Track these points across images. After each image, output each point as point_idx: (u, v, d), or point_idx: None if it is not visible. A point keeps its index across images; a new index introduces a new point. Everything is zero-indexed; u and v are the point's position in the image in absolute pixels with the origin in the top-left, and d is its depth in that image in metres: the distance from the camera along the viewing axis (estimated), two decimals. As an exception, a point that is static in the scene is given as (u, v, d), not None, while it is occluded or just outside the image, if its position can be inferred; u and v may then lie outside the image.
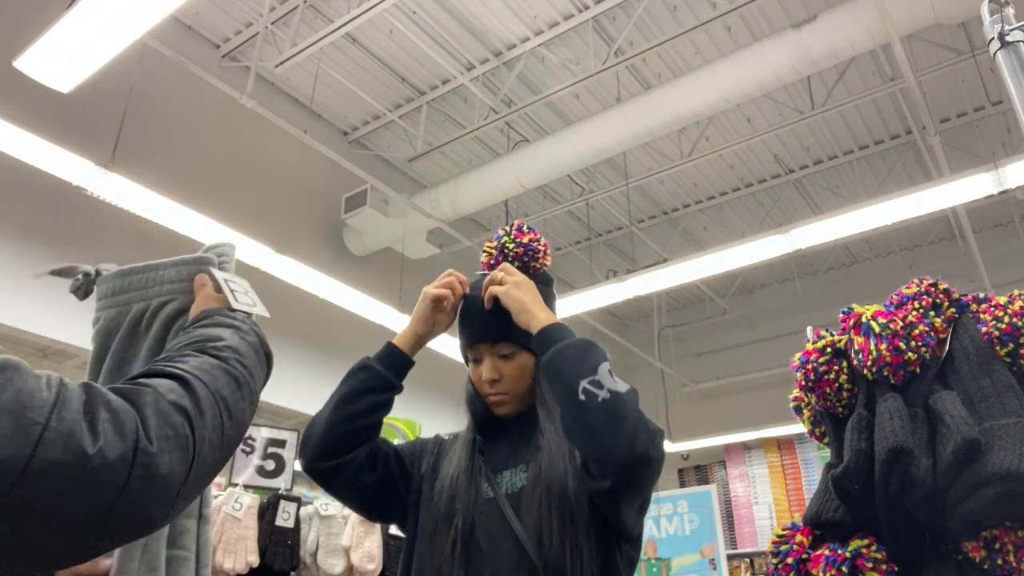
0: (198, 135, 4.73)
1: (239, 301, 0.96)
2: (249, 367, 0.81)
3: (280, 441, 3.21)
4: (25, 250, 3.74)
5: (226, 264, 1.04)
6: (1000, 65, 1.02)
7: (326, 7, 4.61)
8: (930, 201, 4.13)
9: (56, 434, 0.56)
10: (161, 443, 0.62)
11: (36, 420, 0.56)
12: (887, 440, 0.94)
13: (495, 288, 1.21)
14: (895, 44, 3.86)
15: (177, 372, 0.71)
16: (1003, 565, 0.91)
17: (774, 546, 1.11)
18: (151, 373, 0.71)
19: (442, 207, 5.28)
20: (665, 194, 6.59)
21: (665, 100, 4.44)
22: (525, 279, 1.23)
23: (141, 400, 0.64)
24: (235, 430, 0.74)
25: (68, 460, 0.56)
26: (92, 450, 0.57)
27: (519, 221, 1.34)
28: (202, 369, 0.73)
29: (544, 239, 1.33)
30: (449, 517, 1.16)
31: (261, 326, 0.99)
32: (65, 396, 0.59)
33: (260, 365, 0.86)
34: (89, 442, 0.57)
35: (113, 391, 0.64)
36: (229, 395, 0.74)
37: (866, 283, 7.21)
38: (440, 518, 1.17)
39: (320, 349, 5.11)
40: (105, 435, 0.58)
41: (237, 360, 0.79)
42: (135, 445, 0.60)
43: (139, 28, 2.90)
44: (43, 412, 0.56)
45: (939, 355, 1.04)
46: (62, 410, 0.58)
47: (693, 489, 6.53)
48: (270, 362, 0.90)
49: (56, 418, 0.57)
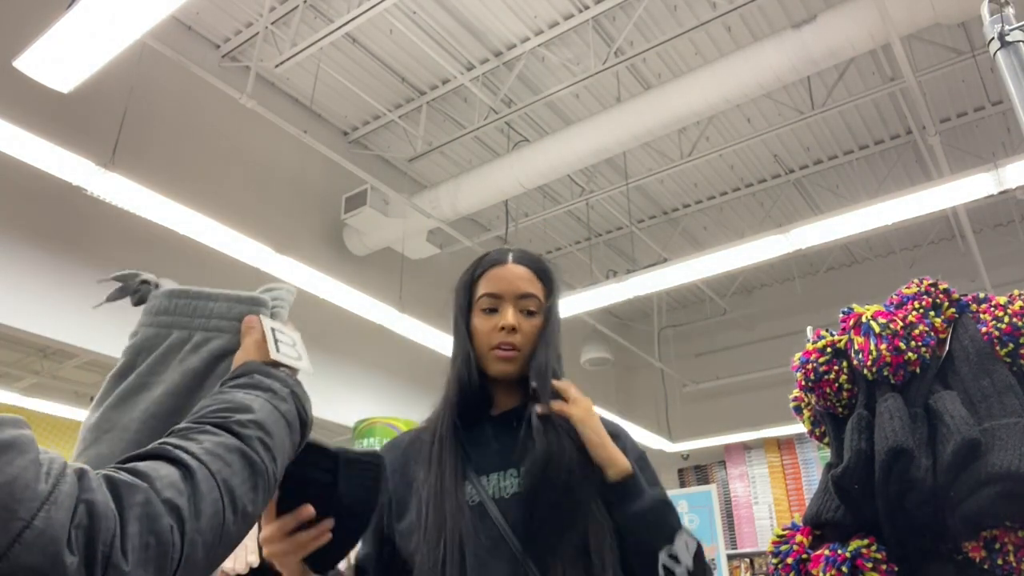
0: (198, 135, 4.73)
1: (282, 353, 0.88)
2: (274, 447, 0.74)
3: (280, 441, 3.20)
4: (25, 250, 3.74)
5: (279, 309, 0.97)
6: (1000, 65, 1.02)
7: (326, 7, 4.61)
8: (930, 201, 4.13)
9: (38, 535, 0.52)
10: (137, 555, 0.57)
11: (20, 516, 0.51)
12: (887, 440, 0.94)
13: (571, 411, 1.11)
14: (895, 44, 3.86)
15: (184, 459, 0.65)
16: (1003, 565, 0.91)
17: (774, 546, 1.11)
18: (157, 454, 0.65)
19: (442, 207, 5.28)
20: (665, 194, 6.59)
21: (665, 100, 4.44)
22: (590, 402, 1.15)
23: (131, 500, 0.59)
24: (239, 525, 0.67)
25: (43, 568, 0.51)
26: (70, 559, 0.53)
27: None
28: (215, 454, 0.67)
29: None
30: (436, 527, 1.05)
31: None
32: (59, 493, 0.55)
33: (290, 438, 0.79)
34: (67, 552, 0.53)
35: (107, 481, 0.59)
36: (239, 485, 0.68)
37: (866, 283, 7.21)
38: (425, 529, 1.06)
39: (320, 349, 5.11)
40: (79, 546, 0.54)
41: (260, 440, 0.73)
42: (106, 561, 0.55)
43: (139, 28, 2.90)
44: (31, 508, 0.52)
45: (939, 355, 1.04)
46: (51, 508, 0.53)
47: (693, 489, 6.53)
48: (307, 428, 0.84)
49: (43, 517, 0.52)
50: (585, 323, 6.60)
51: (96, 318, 3.95)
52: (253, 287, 1.00)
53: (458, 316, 1.21)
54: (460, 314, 1.21)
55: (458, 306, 1.22)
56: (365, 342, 5.22)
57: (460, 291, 1.23)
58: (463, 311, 1.21)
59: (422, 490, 1.10)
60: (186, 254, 4.17)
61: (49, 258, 3.82)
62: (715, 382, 7.76)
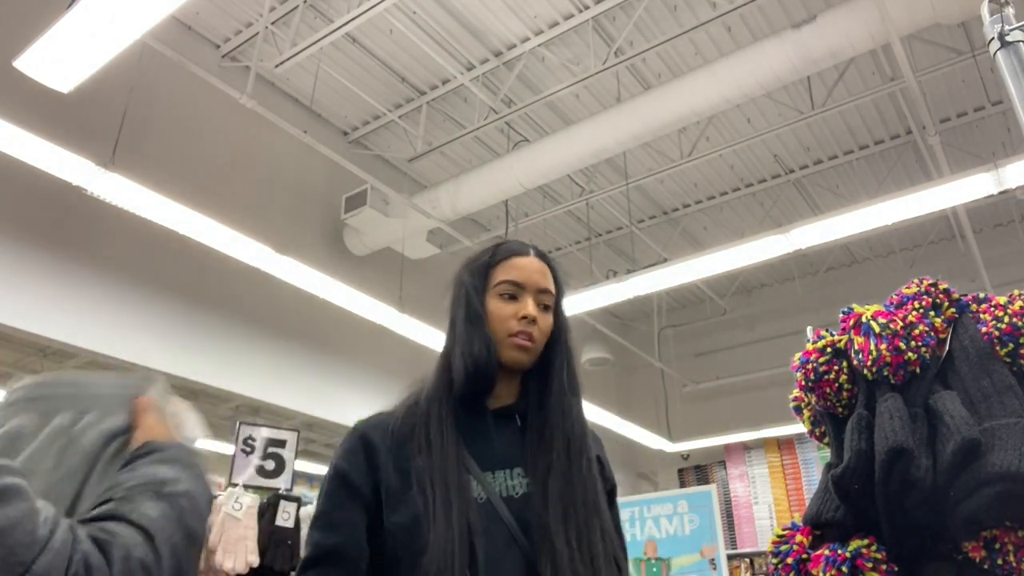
0: (198, 135, 4.73)
1: (180, 429, 0.92)
2: (203, 516, 0.80)
3: (280, 441, 3.20)
4: (25, 250, 3.74)
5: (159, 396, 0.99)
6: (1000, 65, 1.02)
7: (326, 7, 4.61)
8: (930, 201, 4.13)
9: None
10: None
11: (22, 560, 0.55)
12: (887, 440, 0.94)
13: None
14: (895, 44, 3.86)
15: (141, 524, 0.69)
16: (1003, 565, 0.91)
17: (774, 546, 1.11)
18: (112, 516, 0.69)
19: (442, 207, 5.28)
20: (665, 194, 6.59)
21: (665, 100, 4.44)
22: None
23: (114, 555, 0.64)
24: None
25: None
26: None
27: None
28: (164, 522, 0.72)
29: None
30: (446, 524, 0.98)
31: (264, 327, 0.97)
32: (55, 540, 0.59)
33: (208, 510, 0.84)
34: None
35: (91, 538, 0.64)
36: (183, 551, 0.73)
37: (866, 283, 7.21)
38: (433, 524, 0.99)
39: (320, 349, 5.11)
40: None
41: (193, 511, 0.78)
42: None
43: (139, 28, 2.90)
44: (32, 552, 0.56)
45: (939, 355, 1.04)
46: (49, 555, 0.57)
47: (693, 489, 6.52)
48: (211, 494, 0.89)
49: (42, 563, 0.56)
50: (585, 323, 6.60)
51: (96, 318, 3.95)
52: (253, 287, 1.00)
53: (471, 296, 1.16)
54: (473, 294, 1.16)
55: (471, 287, 1.17)
56: (365, 342, 5.22)
57: (475, 273, 1.18)
58: (477, 292, 1.16)
59: (424, 482, 1.03)
60: (186, 254, 4.17)
61: (49, 258, 3.82)
62: (715, 382, 7.76)
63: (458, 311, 1.17)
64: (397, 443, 1.09)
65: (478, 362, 1.10)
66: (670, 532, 5.40)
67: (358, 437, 1.12)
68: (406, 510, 1.03)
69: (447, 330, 1.19)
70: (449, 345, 1.17)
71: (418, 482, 1.03)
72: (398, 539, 1.02)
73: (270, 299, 4.65)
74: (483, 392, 1.13)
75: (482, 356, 1.10)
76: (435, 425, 1.09)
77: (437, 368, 1.17)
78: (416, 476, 1.04)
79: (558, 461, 1.07)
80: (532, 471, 1.07)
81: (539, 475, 1.06)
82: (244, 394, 4.68)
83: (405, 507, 1.03)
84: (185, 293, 4.38)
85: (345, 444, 1.13)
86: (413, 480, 1.04)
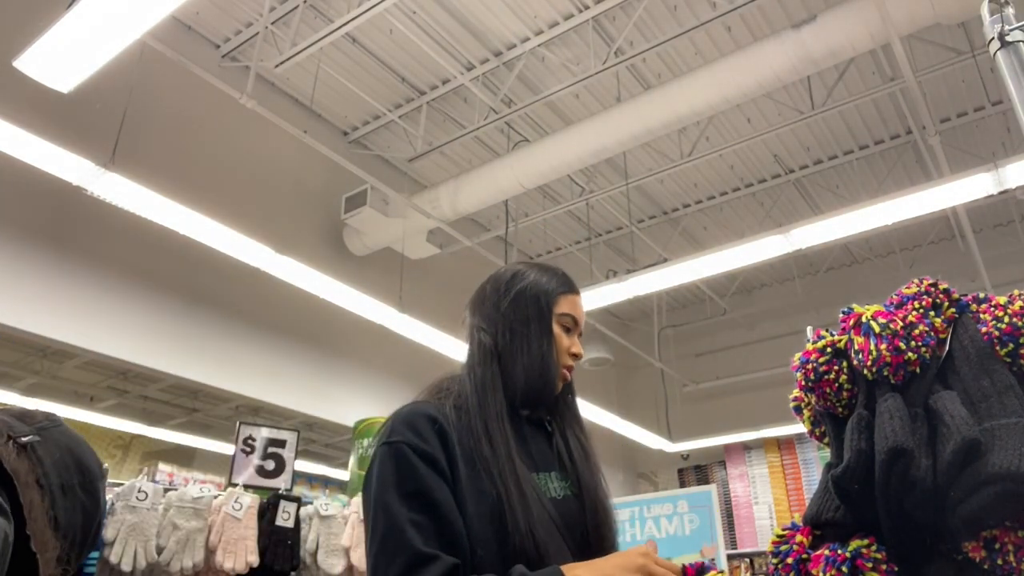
0: (198, 135, 4.73)
1: None
2: None
3: (280, 441, 3.20)
4: (25, 250, 3.74)
5: None
6: (1000, 65, 1.02)
7: (326, 7, 4.61)
8: (930, 201, 4.13)
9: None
10: None
11: None
12: (887, 440, 0.94)
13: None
14: (895, 44, 3.86)
15: None
16: (1003, 565, 0.91)
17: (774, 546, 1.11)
18: None
19: (442, 207, 5.28)
20: (665, 194, 6.59)
21: (665, 100, 4.44)
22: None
23: None
24: None
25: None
26: None
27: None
28: None
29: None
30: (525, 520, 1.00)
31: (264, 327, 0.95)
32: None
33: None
34: None
35: None
36: None
37: (866, 283, 7.21)
38: (513, 519, 1.00)
39: (320, 349, 5.11)
40: None
41: None
42: None
43: (139, 28, 2.90)
44: None
45: (939, 355, 1.04)
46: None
47: (693, 489, 6.52)
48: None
49: None
50: (585, 323, 6.59)
51: (96, 318, 3.95)
52: (253, 287, 1.00)
53: (544, 315, 1.20)
54: (540, 317, 1.20)
55: (538, 308, 1.21)
56: (365, 342, 5.22)
57: (540, 296, 1.22)
58: (543, 316, 1.20)
59: (503, 473, 1.03)
60: (186, 254, 4.17)
61: (49, 258, 3.82)
62: (715, 382, 7.76)
63: (534, 326, 1.19)
64: (456, 431, 1.07)
65: (546, 384, 1.17)
66: (670, 532, 5.40)
67: (426, 418, 1.06)
68: (484, 499, 1.01)
69: (502, 327, 1.19)
70: (507, 347, 1.18)
71: (489, 473, 1.03)
72: (476, 529, 1.00)
73: (270, 299, 4.65)
74: (531, 406, 1.19)
75: (550, 381, 1.17)
76: (495, 421, 1.09)
77: (486, 361, 1.16)
78: (485, 467, 1.03)
79: (588, 472, 1.17)
80: (571, 478, 1.15)
81: (577, 483, 1.15)
82: (244, 394, 4.68)
83: (483, 496, 1.02)
84: (185, 293, 4.38)
85: (411, 422, 1.05)
86: (482, 471, 1.03)
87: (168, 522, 2.64)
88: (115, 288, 4.04)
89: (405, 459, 1.00)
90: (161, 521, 2.63)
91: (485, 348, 1.17)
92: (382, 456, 1.02)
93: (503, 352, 1.17)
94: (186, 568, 2.61)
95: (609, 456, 7.90)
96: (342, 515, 3.12)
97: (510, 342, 1.18)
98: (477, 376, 1.14)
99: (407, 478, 0.99)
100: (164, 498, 2.69)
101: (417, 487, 0.98)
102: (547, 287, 1.24)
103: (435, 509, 0.97)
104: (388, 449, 1.02)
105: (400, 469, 1.00)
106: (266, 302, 4.68)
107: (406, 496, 0.97)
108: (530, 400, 1.17)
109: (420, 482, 0.99)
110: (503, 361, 1.16)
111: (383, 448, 1.02)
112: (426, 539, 0.94)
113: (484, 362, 1.16)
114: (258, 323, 4.71)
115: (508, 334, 1.18)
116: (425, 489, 0.98)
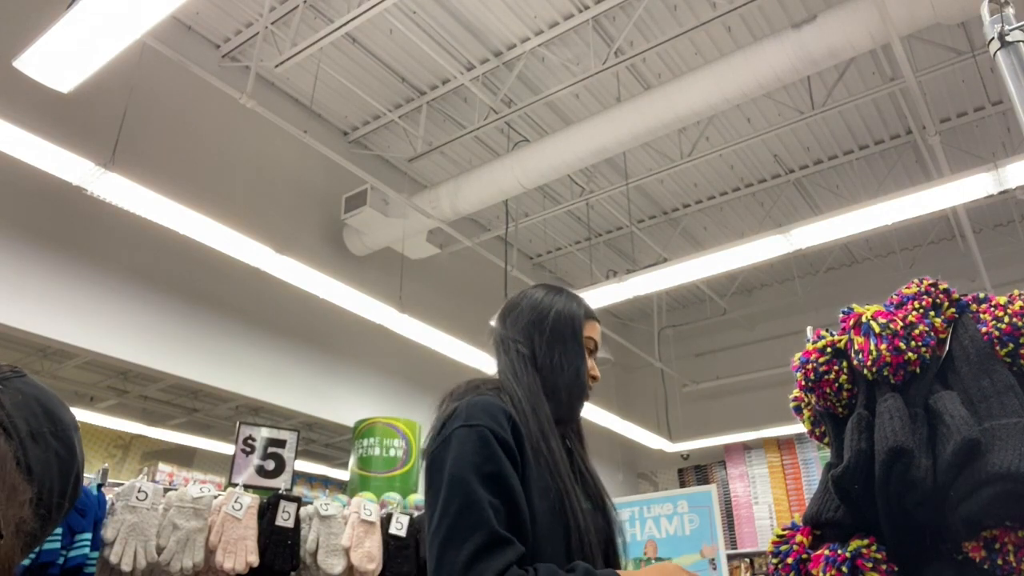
0: (198, 135, 4.73)
1: None
2: None
3: (280, 441, 3.21)
4: (25, 250, 3.74)
5: None
6: (1000, 65, 1.02)
7: (326, 7, 4.61)
8: (930, 201, 4.13)
9: None
10: None
11: None
12: (887, 440, 0.94)
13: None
14: (895, 44, 3.86)
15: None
16: (1003, 565, 0.91)
17: (774, 546, 1.11)
18: None
19: (442, 207, 5.28)
20: (665, 194, 6.59)
21: (665, 100, 4.44)
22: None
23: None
24: None
25: None
26: None
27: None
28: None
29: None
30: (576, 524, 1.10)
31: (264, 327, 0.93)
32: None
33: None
34: None
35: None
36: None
37: (866, 283, 7.21)
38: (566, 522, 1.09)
39: (320, 349, 5.11)
40: None
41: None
42: None
43: (139, 28, 2.90)
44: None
45: (939, 355, 1.04)
46: None
47: (693, 489, 6.51)
48: None
49: None
50: (585, 323, 6.59)
51: (96, 318, 3.95)
52: (253, 287, 1.00)
53: (578, 337, 1.28)
54: (575, 338, 1.27)
55: (573, 330, 1.28)
56: (365, 342, 5.22)
57: (573, 319, 1.29)
58: (577, 338, 1.28)
59: (558, 475, 1.10)
60: (186, 254, 4.17)
61: (49, 258, 3.82)
62: (715, 382, 7.76)
63: (571, 346, 1.26)
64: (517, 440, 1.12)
65: (580, 401, 1.26)
66: (670, 532, 5.40)
67: (502, 410, 1.10)
68: (547, 495, 1.08)
69: (541, 344, 1.26)
70: (547, 364, 1.24)
71: (550, 471, 1.10)
72: (542, 523, 1.05)
73: (270, 299, 4.65)
74: (562, 421, 1.25)
75: (583, 398, 1.27)
76: (548, 425, 1.16)
77: (529, 371, 1.22)
78: (547, 465, 1.10)
79: (601, 487, 1.26)
80: (591, 491, 1.24)
81: (599, 497, 1.24)
82: (244, 394, 4.68)
83: (547, 493, 1.08)
84: (185, 293, 4.38)
85: (489, 411, 1.09)
86: (545, 469, 1.10)
87: (168, 522, 2.64)
88: (115, 288, 4.04)
89: (487, 443, 1.04)
90: (161, 521, 2.63)
91: (525, 359, 1.23)
92: (461, 437, 1.05)
93: (542, 367, 1.23)
94: (186, 568, 2.61)
95: (609, 456, 7.90)
96: (342, 515, 3.12)
97: (551, 360, 1.24)
98: (524, 383, 1.20)
99: (488, 460, 1.02)
100: (164, 498, 2.69)
101: (496, 470, 1.02)
102: (577, 312, 1.31)
103: (510, 495, 1.01)
104: (469, 431, 1.05)
105: (481, 451, 1.03)
106: (266, 302, 4.68)
107: (485, 477, 1.00)
108: (563, 415, 1.23)
109: (500, 466, 1.02)
110: (542, 375, 1.23)
111: (463, 430, 1.05)
112: (499, 522, 0.97)
113: (528, 371, 1.22)
114: (258, 323, 4.71)
115: (548, 351, 1.25)
116: (504, 474, 1.02)
